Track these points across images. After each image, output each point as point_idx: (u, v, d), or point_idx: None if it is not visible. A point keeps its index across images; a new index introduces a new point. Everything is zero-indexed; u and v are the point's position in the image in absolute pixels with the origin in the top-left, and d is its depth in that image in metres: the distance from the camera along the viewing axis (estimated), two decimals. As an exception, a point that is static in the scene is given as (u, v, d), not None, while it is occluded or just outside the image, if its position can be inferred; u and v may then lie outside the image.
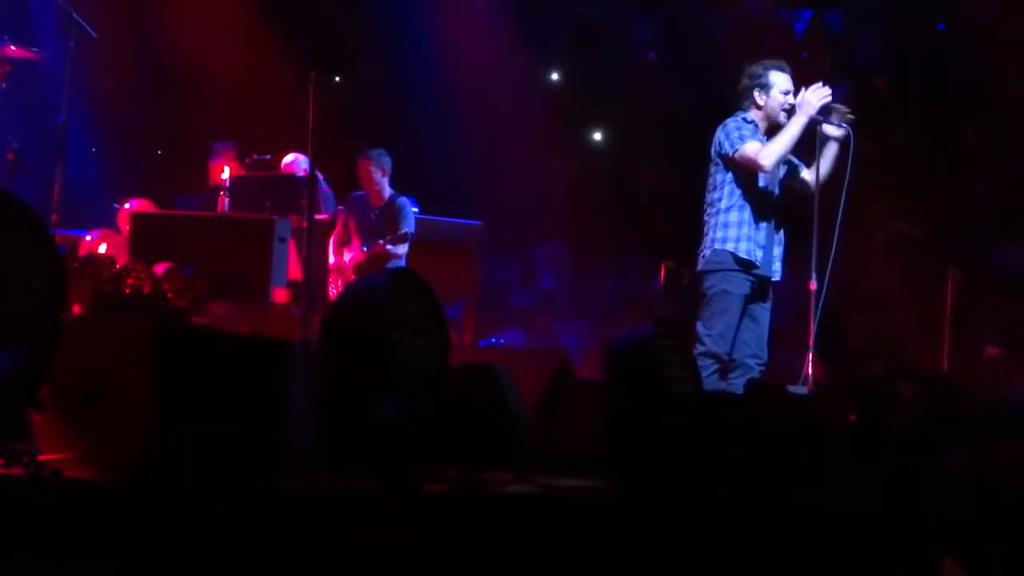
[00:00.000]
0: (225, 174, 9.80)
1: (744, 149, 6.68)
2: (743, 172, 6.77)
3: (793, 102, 6.78)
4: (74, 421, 4.20)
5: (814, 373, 6.70)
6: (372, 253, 9.03)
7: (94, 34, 8.20)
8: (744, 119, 6.83)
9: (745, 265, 6.73)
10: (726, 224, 6.76)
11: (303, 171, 9.08)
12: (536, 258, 12.53)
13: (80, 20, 8.04)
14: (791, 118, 6.74)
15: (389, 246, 8.94)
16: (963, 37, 10.88)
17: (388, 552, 3.98)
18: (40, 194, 7.79)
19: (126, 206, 9.78)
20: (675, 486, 4.77)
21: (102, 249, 9.39)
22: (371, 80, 12.11)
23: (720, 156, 6.80)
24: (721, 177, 6.83)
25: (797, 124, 6.69)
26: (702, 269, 6.85)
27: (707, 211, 6.87)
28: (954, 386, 5.94)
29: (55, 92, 8.10)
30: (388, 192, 9.35)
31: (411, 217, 9.23)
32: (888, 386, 5.52)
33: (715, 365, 6.67)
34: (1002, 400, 6.58)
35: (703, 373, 6.39)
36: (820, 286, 6.79)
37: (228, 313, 8.44)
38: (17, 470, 3.91)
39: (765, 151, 6.67)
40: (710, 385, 6.48)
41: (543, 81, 13.07)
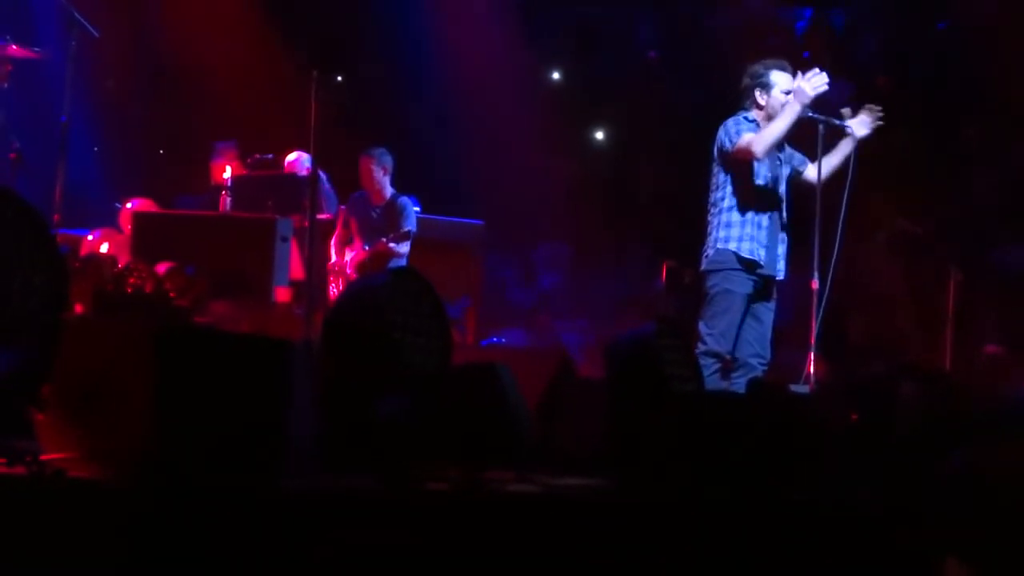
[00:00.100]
0: (227, 173, 9.80)
1: (739, 140, 6.69)
2: (744, 171, 6.77)
3: (810, 110, 6.78)
4: (76, 420, 4.21)
5: (816, 372, 6.70)
6: (374, 251, 9.03)
7: (96, 34, 8.19)
8: (745, 118, 6.84)
9: (748, 265, 6.74)
10: (728, 224, 6.77)
11: (306, 170, 9.08)
12: (537, 257, 12.52)
13: (82, 20, 8.03)
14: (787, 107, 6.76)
15: (392, 244, 8.95)
16: (964, 36, 10.87)
17: (388, 552, 3.98)
18: (42, 193, 7.80)
19: (128, 206, 9.78)
20: (676, 485, 4.77)
21: (104, 249, 9.38)
22: (372, 80, 12.11)
23: (721, 154, 6.81)
24: (723, 177, 6.84)
25: (791, 112, 6.68)
26: (705, 268, 6.86)
27: (710, 211, 6.88)
28: (955, 385, 5.93)
29: (57, 92, 8.09)
30: (389, 191, 9.35)
31: (413, 216, 9.24)
32: (889, 385, 5.52)
33: (717, 364, 6.67)
34: (1003, 399, 6.58)
35: (705, 372, 6.39)
36: (822, 285, 6.79)
37: (230, 313, 8.43)
38: (19, 469, 3.91)
39: (757, 137, 6.68)
40: (712, 384, 6.49)
41: (544, 81, 13.06)
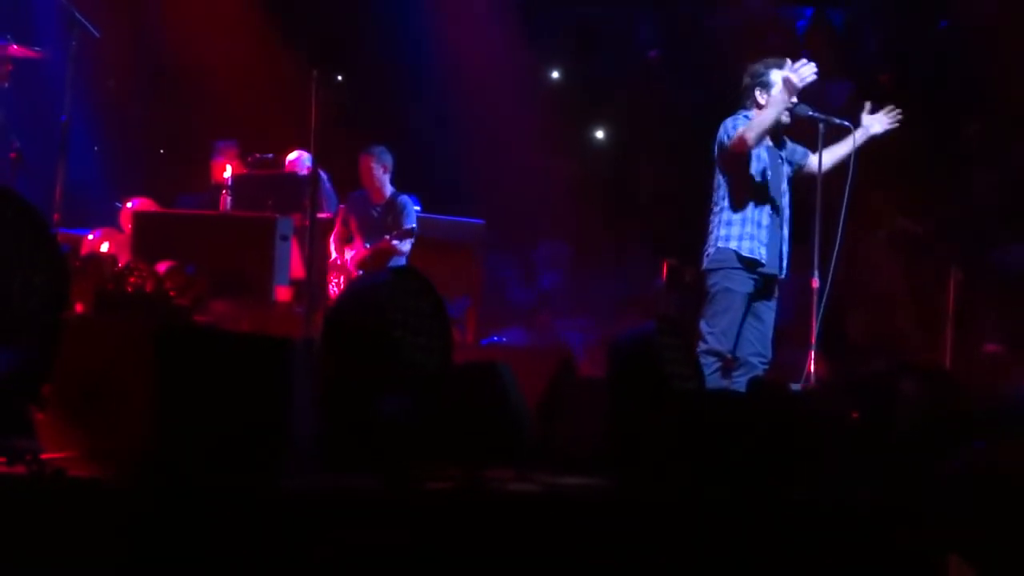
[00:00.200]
0: (227, 173, 9.80)
1: (734, 135, 6.69)
2: (744, 169, 6.76)
3: (795, 100, 6.78)
4: (76, 420, 4.21)
5: (816, 371, 6.70)
6: (377, 249, 9.02)
7: (96, 33, 8.19)
8: (745, 117, 6.83)
9: (748, 263, 6.73)
10: (729, 222, 6.76)
11: (306, 169, 9.08)
12: (537, 257, 12.51)
13: (82, 19, 8.03)
14: (793, 112, 6.76)
15: (396, 242, 8.95)
16: (964, 36, 10.87)
17: (388, 552, 3.98)
18: (42, 193, 7.80)
19: (128, 205, 9.78)
20: (677, 484, 4.77)
21: (104, 248, 9.38)
22: (372, 79, 12.10)
23: (720, 152, 6.81)
24: (724, 176, 6.84)
25: (779, 101, 6.67)
26: (706, 267, 6.85)
27: (712, 210, 6.88)
28: (955, 384, 5.92)
29: (57, 91, 8.09)
30: (389, 190, 9.35)
31: (413, 214, 9.24)
32: (890, 383, 5.52)
33: (718, 363, 6.67)
34: (1003, 398, 6.58)
35: (706, 371, 6.40)
36: (822, 284, 6.79)
37: (230, 312, 8.43)
38: (20, 469, 3.91)
39: (747, 127, 6.67)
40: (713, 383, 6.49)
41: (544, 80, 13.06)
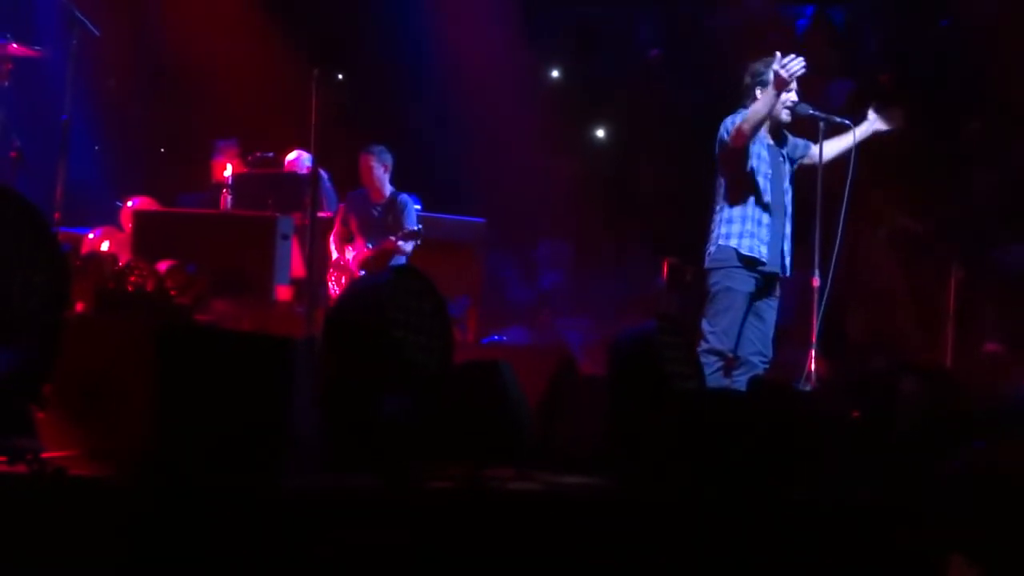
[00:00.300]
0: (228, 172, 9.81)
1: (732, 130, 6.70)
2: (744, 168, 6.76)
3: (796, 99, 6.78)
4: (77, 418, 4.21)
5: (817, 370, 6.70)
6: (381, 249, 9.01)
7: (97, 32, 8.19)
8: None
9: (749, 262, 6.72)
10: (730, 220, 6.76)
11: (306, 168, 9.08)
12: (538, 256, 12.51)
13: (83, 18, 8.03)
14: (794, 111, 6.76)
15: (400, 242, 8.94)
16: (965, 35, 10.86)
17: (389, 551, 3.98)
18: (43, 192, 7.80)
19: (129, 204, 9.78)
20: (677, 484, 4.77)
21: (105, 247, 9.39)
22: (372, 79, 12.10)
23: (720, 150, 6.80)
24: (724, 174, 6.83)
25: (770, 95, 6.64)
26: (707, 266, 6.85)
27: (713, 208, 6.88)
28: (956, 383, 5.93)
29: (58, 90, 8.09)
30: (389, 189, 9.35)
31: (414, 214, 9.24)
32: (890, 382, 5.52)
33: (719, 362, 6.66)
34: (1003, 397, 6.58)
35: (707, 370, 6.40)
36: (823, 283, 6.79)
37: (231, 311, 8.44)
38: (21, 467, 3.92)
39: (743, 118, 6.66)
40: (713, 382, 6.48)
41: (544, 79, 13.06)
